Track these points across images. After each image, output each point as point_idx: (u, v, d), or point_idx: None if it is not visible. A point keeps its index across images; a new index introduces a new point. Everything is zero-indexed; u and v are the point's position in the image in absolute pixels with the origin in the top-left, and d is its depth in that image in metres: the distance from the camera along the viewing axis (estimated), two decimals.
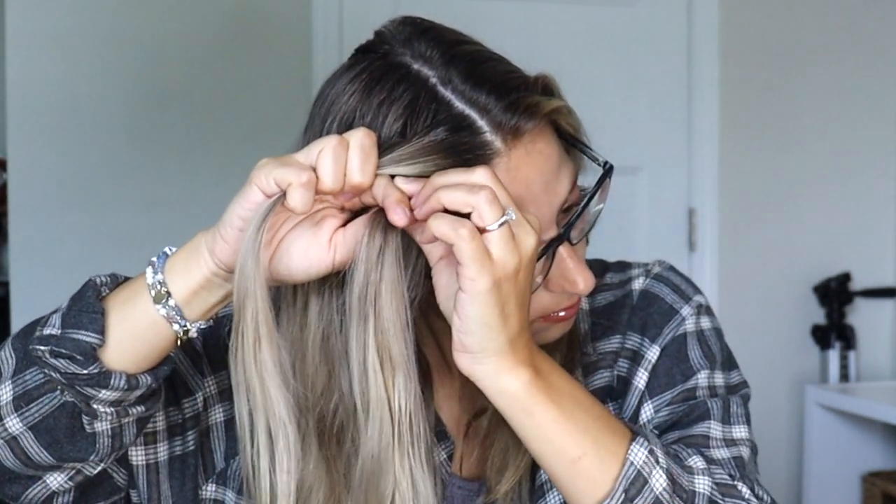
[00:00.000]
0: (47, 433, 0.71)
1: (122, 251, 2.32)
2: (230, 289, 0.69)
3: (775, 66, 2.77)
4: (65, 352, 0.69)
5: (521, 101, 0.71)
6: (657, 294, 0.91)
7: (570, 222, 0.74)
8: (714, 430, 0.83)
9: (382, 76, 0.71)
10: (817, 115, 2.81)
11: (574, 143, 0.77)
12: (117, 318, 0.70)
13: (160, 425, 0.82)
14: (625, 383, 0.89)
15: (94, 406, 0.70)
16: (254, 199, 0.66)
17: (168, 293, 0.70)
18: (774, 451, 2.77)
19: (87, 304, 0.71)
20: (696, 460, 0.78)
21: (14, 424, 0.71)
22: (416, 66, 0.71)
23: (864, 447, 2.73)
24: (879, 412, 2.49)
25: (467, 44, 0.74)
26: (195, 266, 0.69)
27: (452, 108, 0.70)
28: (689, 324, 0.89)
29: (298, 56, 2.45)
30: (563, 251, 0.75)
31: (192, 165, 2.40)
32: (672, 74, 2.71)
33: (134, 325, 0.70)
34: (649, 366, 0.88)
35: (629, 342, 0.90)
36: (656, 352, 0.88)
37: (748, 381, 0.91)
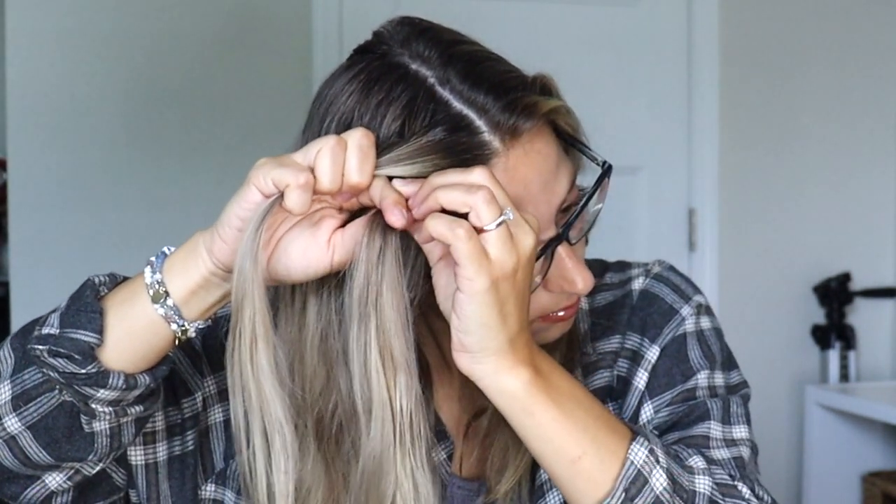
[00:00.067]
0: (46, 433, 0.71)
1: (122, 251, 2.32)
2: (228, 288, 0.69)
3: (775, 66, 2.77)
4: (63, 351, 0.68)
5: (520, 101, 0.71)
6: (657, 294, 0.90)
7: (568, 222, 0.74)
8: (714, 430, 0.83)
9: (381, 76, 0.71)
10: (817, 116, 2.81)
11: (572, 142, 0.77)
12: (116, 318, 0.70)
13: (159, 425, 0.82)
14: (625, 383, 0.88)
15: (93, 406, 0.70)
16: (252, 199, 0.66)
17: (166, 293, 0.70)
18: (774, 451, 2.77)
19: (85, 304, 0.71)
20: (697, 460, 0.78)
21: (13, 424, 0.71)
22: (414, 66, 0.71)
23: (864, 447, 2.72)
24: (879, 412, 2.49)
25: (465, 44, 0.74)
26: (193, 266, 0.69)
27: (450, 108, 0.70)
28: (688, 324, 0.89)
29: (298, 56, 2.45)
30: (561, 251, 0.75)
31: (192, 165, 2.40)
32: (672, 74, 2.71)
33: (132, 325, 0.70)
34: (649, 366, 0.88)
35: (629, 342, 0.89)
36: (656, 352, 0.88)
37: (748, 381, 0.91)
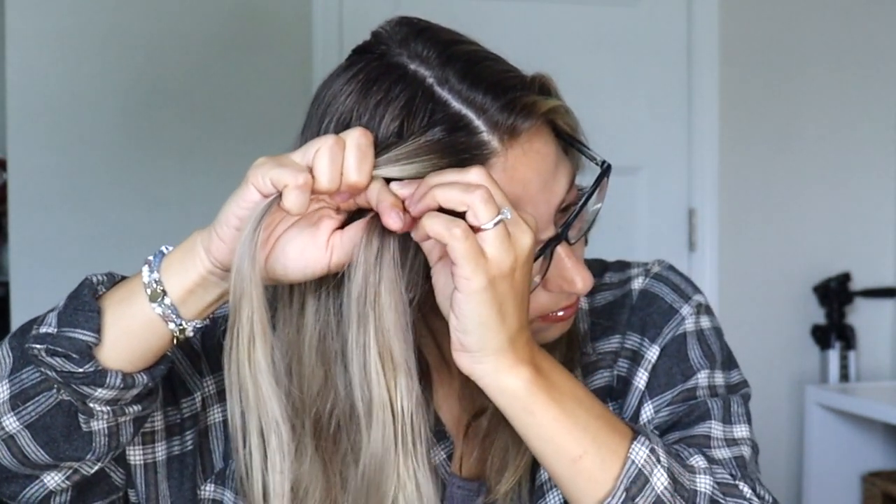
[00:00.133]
0: (44, 432, 0.71)
1: (122, 251, 2.32)
2: (226, 287, 0.69)
3: (775, 66, 2.77)
4: (60, 350, 0.69)
5: (518, 101, 0.71)
6: (657, 294, 0.90)
7: (567, 222, 0.74)
8: (715, 429, 0.83)
9: (379, 77, 0.71)
10: (817, 115, 2.81)
11: (571, 142, 0.77)
12: (113, 317, 0.70)
13: (158, 425, 0.82)
14: (625, 383, 0.88)
15: (91, 405, 0.70)
16: (250, 198, 0.66)
17: (164, 292, 0.70)
18: (774, 451, 2.77)
19: (83, 303, 0.71)
20: (698, 459, 0.78)
21: (11, 423, 0.71)
22: (412, 66, 0.71)
23: (864, 447, 2.72)
24: (879, 412, 2.49)
25: (464, 44, 0.74)
26: (191, 265, 0.69)
27: (449, 108, 0.70)
28: (688, 323, 0.89)
29: (298, 56, 2.45)
30: (561, 251, 0.75)
31: (191, 165, 2.40)
32: (672, 74, 2.71)
33: (130, 324, 0.70)
34: (649, 366, 0.88)
35: (629, 342, 0.89)
36: (656, 352, 0.88)
37: (748, 381, 0.91)
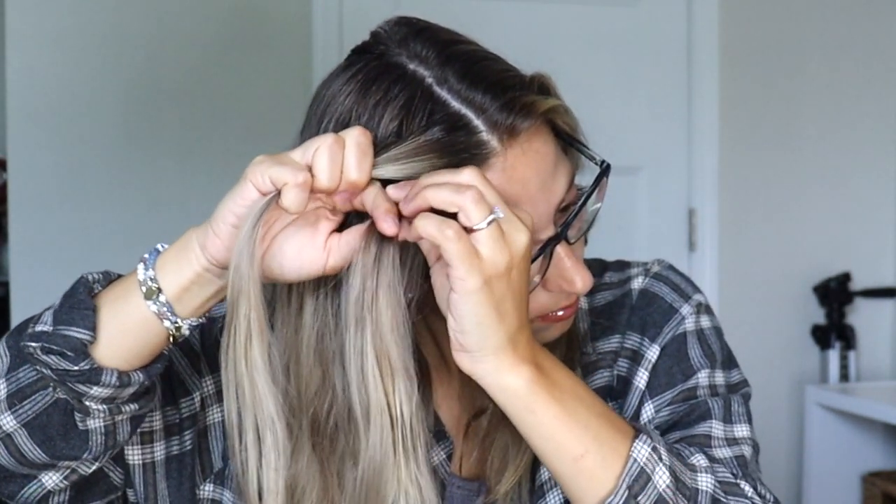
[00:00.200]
0: (41, 430, 0.72)
1: (122, 250, 2.32)
2: (221, 285, 0.70)
3: (775, 66, 2.77)
4: (55, 348, 0.69)
5: (518, 101, 0.71)
6: (656, 293, 0.90)
7: (567, 221, 0.74)
8: (716, 429, 0.83)
9: (378, 76, 0.71)
10: (817, 115, 2.81)
11: (571, 142, 0.77)
12: (109, 315, 0.70)
13: (157, 425, 0.82)
14: (625, 383, 0.88)
15: (87, 403, 0.70)
16: (248, 195, 0.66)
17: (159, 289, 0.70)
18: (774, 451, 2.77)
19: (78, 301, 0.71)
20: (699, 458, 0.78)
21: (8, 422, 0.71)
22: (411, 66, 0.71)
23: (864, 447, 2.72)
24: (879, 412, 2.49)
25: (463, 43, 0.74)
26: (186, 262, 0.69)
27: (448, 108, 0.70)
28: (688, 323, 0.89)
29: (298, 56, 2.45)
30: (560, 250, 0.75)
31: (191, 165, 2.40)
32: (672, 74, 2.71)
33: (125, 322, 0.70)
34: (649, 365, 0.87)
35: (629, 342, 0.89)
36: (656, 351, 0.88)
37: (748, 381, 0.91)
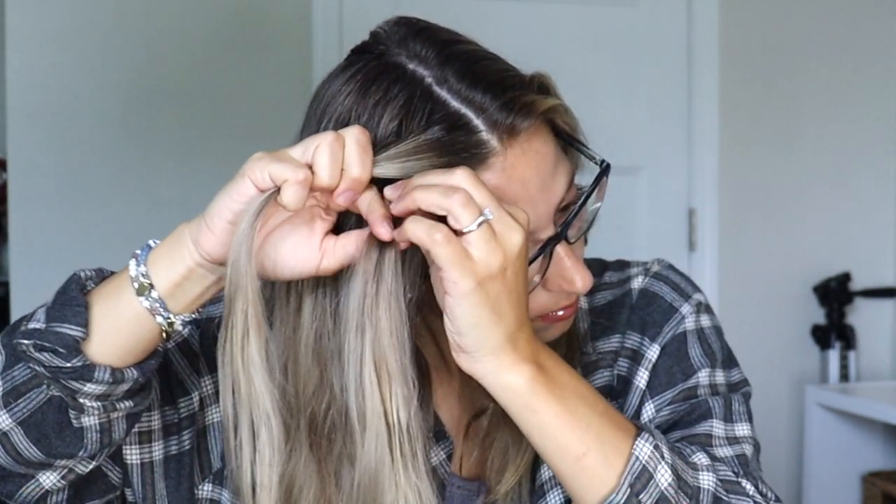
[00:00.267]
0: (35, 428, 0.71)
1: (122, 250, 2.27)
2: (213, 280, 0.70)
3: (775, 66, 2.77)
4: (48, 345, 0.68)
5: (517, 100, 0.71)
6: (656, 293, 0.90)
7: (567, 221, 0.74)
8: (717, 428, 0.83)
9: (378, 76, 0.71)
10: (817, 115, 2.81)
11: (571, 141, 0.77)
12: (101, 312, 0.70)
13: (156, 424, 0.82)
14: (625, 383, 0.88)
15: (81, 400, 0.70)
16: (246, 192, 0.66)
17: (151, 285, 0.70)
18: (774, 451, 2.77)
19: (70, 298, 0.71)
20: (701, 457, 0.78)
21: (3, 420, 0.71)
22: (411, 66, 0.71)
23: (864, 447, 2.72)
24: (879, 412, 2.49)
25: (462, 43, 0.74)
26: (179, 257, 0.69)
27: (448, 108, 0.70)
28: (688, 322, 0.89)
29: (298, 56, 2.45)
30: (560, 250, 0.75)
31: (191, 165, 2.40)
32: (672, 74, 2.71)
33: (118, 319, 0.70)
34: (650, 365, 0.87)
35: (629, 341, 0.89)
36: (656, 351, 0.88)
37: (748, 380, 0.91)
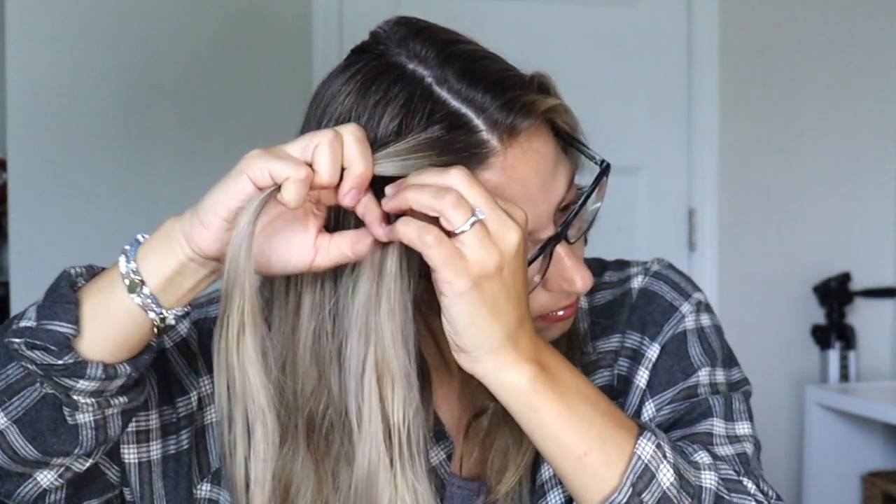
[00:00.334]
0: (30, 426, 0.71)
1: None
2: (205, 273, 0.70)
3: (775, 66, 2.77)
4: (39, 343, 0.68)
5: (517, 100, 0.71)
6: (656, 292, 0.90)
7: (567, 221, 0.74)
8: (717, 427, 0.83)
9: (378, 76, 0.71)
10: (817, 116, 2.81)
11: (571, 141, 0.76)
12: (92, 309, 0.70)
13: (154, 424, 0.82)
14: (625, 382, 0.88)
15: (74, 397, 0.70)
16: (244, 189, 0.66)
17: (142, 282, 0.69)
18: (774, 451, 2.77)
19: (60, 295, 0.71)
20: (702, 456, 0.78)
21: None
22: (411, 66, 0.71)
23: (864, 447, 2.72)
24: (879, 412, 2.49)
25: (462, 43, 0.74)
26: (170, 252, 0.69)
27: (448, 107, 0.70)
28: (688, 321, 0.89)
29: (298, 56, 2.45)
30: (560, 250, 0.75)
31: (191, 165, 2.40)
32: (672, 74, 2.71)
33: (109, 315, 0.70)
34: (650, 364, 0.87)
35: (629, 341, 0.89)
36: (656, 350, 0.88)
37: (748, 379, 0.91)
